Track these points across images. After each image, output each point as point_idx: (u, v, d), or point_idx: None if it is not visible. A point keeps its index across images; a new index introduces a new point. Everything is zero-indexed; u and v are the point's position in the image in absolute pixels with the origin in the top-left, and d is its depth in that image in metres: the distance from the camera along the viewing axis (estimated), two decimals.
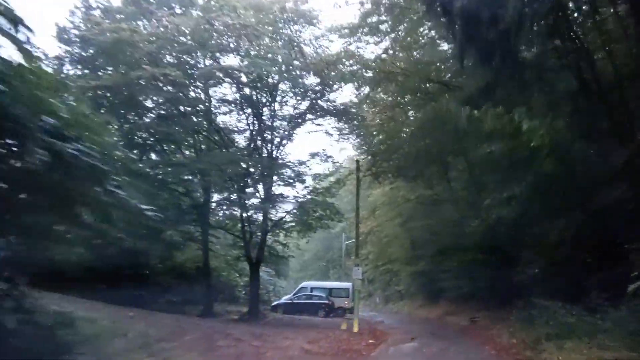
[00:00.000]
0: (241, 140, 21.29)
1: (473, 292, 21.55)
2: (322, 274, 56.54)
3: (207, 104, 19.78)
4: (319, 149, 20.43)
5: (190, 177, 19.48)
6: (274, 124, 20.28)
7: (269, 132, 20.10)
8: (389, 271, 36.20)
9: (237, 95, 19.69)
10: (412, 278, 31.20)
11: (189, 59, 17.73)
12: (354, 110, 19.42)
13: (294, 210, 20.09)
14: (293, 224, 20.79)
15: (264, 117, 20.05)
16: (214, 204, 21.22)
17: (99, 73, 17.92)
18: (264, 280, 29.63)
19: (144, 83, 16.59)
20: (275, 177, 19.75)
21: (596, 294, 10.02)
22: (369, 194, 29.75)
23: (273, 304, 26.55)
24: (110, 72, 17.66)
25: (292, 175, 19.80)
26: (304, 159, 20.15)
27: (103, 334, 6.84)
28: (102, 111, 18.49)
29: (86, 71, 18.73)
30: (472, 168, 18.94)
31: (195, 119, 19.39)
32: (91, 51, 18.40)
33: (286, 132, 20.05)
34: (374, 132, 19.33)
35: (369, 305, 47.41)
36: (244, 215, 19.64)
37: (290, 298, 27.03)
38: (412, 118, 19.58)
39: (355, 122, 19.41)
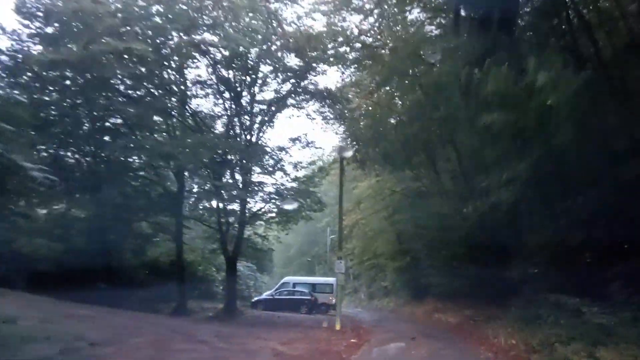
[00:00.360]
0: (219, 127, 19.92)
1: (462, 289, 20.60)
2: (308, 269, 55.33)
3: (181, 86, 18.37)
4: (301, 135, 18.95)
5: (162, 164, 18.12)
6: (254, 108, 18.96)
7: (248, 117, 18.77)
8: (374, 266, 35.16)
9: (214, 77, 18.27)
10: (398, 273, 30.23)
11: (159, 35, 16.24)
12: (338, 94, 18.17)
13: (274, 200, 18.80)
14: (273, 214, 19.52)
15: (242, 101, 18.69)
16: (189, 194, 19.87)
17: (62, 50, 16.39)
18: (244, 275, 28.38)
19: (109, 60, 15.15)
20: (254, 165, 18.46)
21: (617, 288, 8.75)
22: (354, 186, 28.64)
23: (253, 300, 25.32)
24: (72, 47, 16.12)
25: (272, 162, 18.55)
26: (285, 145, 18.87)
27: (14, 337, 5.56)
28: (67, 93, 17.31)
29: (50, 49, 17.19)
30: (463, 157, 17.90)
31: (168, 102, 17.99)
32: (55, 25, 16.85)
33: (266, 117, 18.75)
34: (359, 118, 18.08)
35: (353, 302, 46.46)
36: (221, 205, 18.33)
37: (271, 294, 25.84)
38: (399, 103, 18.38)
39: (339, 105, 18.16)
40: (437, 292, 23.71)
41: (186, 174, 18.71)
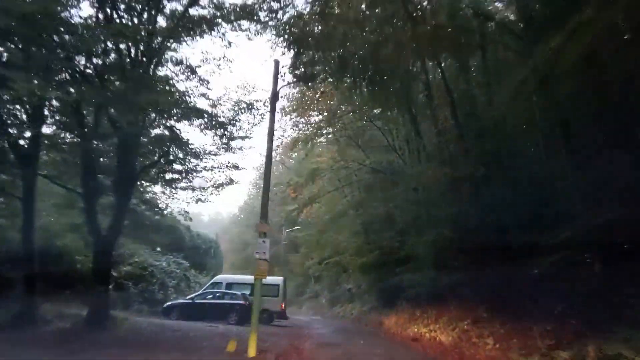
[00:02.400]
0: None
1: (443, 292, 14.70)
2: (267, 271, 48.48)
3: None
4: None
5: None
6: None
7: None
8: (337, 265, 28.87)
9: None
10: (364, 273, 24.01)
11: None
12: None
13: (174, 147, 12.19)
14: (172, 161, 12.75)
15: None
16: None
17: None
18: (162, 271, 21.49)
19: None
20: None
21: None
22: (313, 162, 22.43)
23: (165, 306, 18.49)
24: None
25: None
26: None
27: None
28: None
29: None
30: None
31: None
32: None
33: None
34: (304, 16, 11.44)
35: (313, 308, 40.14)
36: (88, 154, 11.60)
37: (191, 297, 19.10)
38: None
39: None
40: (410, 296, 17.60)
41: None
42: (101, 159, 12.42)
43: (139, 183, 13.89)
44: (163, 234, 27.23)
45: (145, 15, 11.68)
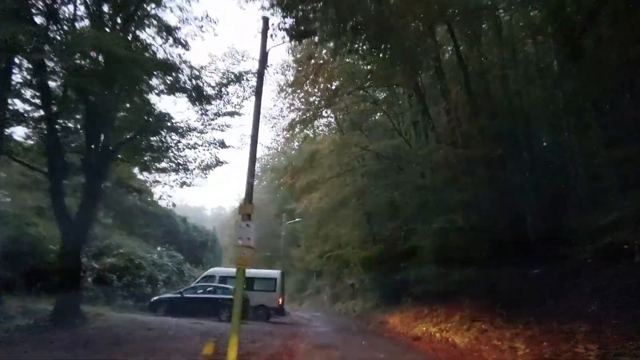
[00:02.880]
0: None
1: (453, 288, 13.22)
2: (269, 266, 47.08)
3: None
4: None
5: None
6: None
7: None
8: (338, 259, 27.40)
9: None
10: (367, 267, 22.55)
11: None
12: None
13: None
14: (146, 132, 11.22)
15: None
16: None
17: None
18: (151, 263, 20.13)
19: None
20: None
21: None
22: (312, 148, 20.90)
23: (152, 300, 17.11)
24: None
25: None
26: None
27: None
28: None
29: None
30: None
31: None
32: None
33: None
34: None
35: (314, 305, 38.81)
36: (53, 128, 10.20)
37: (180, 291, 17.73)
38: None
39: None
40: (419, 291, 16.08)
41: None
42: (69, 136, 10.97)
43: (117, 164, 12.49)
44: (156, 225, 26.02)
45: None
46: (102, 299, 15.61)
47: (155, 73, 10.22)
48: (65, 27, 9.53)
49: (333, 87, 15.58)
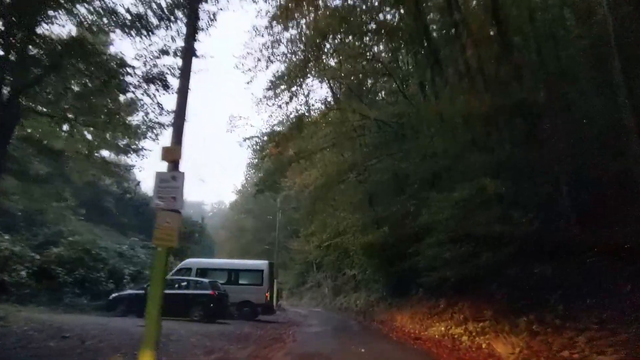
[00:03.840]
0: None
1: (479, 275, 10.16)
2: (267, 258, 44.24)
3: None
4: None
5: None
6: None
7: None
8: (338, 247, 24.39)
9: None
10: (369, 255, 19.51)
11: None
12: None
13: None
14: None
15: None
16: None
17: None
18: (118, 255, 17.20)
19: None
20: None
21: None
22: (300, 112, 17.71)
23: (110, 298, 14.21)
24: None
25: None
26: None
27: None
28: None
29: None
30: None
31: None
32: None
33: None
34: None
35: (315, 298, 35.93)
36: None
37: (143, 287, 14.80)
38: None
39: None
40: (434, 280, 12.93)
41: None
42: None
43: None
44: (130, 214, 23.16)
45: None
46: (43, 297, 12.73)
47: None
48: None
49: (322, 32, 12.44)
